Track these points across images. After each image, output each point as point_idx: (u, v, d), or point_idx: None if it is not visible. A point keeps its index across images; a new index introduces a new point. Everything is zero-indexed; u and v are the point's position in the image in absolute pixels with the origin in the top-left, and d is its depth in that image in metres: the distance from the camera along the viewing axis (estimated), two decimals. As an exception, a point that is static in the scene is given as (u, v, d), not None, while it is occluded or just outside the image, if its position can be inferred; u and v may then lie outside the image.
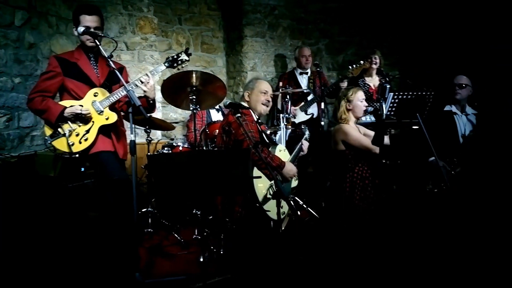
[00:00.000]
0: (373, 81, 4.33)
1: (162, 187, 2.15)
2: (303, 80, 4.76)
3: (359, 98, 3.20)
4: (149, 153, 3.69)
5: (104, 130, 2.73)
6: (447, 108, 3.67)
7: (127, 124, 2.79)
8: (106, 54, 2.59)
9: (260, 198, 2.71)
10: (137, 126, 3.65)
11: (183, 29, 5.28)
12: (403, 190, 3.35)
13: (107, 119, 2.73)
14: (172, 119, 5.02)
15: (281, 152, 3.06)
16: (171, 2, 5.17)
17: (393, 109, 3.52)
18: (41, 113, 2.67)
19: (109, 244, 2.69)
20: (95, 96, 2.71)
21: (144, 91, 2.71)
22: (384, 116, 2.90)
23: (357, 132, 3.16)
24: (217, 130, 3.30)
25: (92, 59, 2.78)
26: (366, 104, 3.23)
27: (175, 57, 2.88)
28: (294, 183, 3.14)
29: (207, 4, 5.42)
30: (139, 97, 2.75)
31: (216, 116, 4.49)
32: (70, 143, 2.62)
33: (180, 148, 3.68)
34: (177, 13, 5.23)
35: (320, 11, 5.60)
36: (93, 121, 2.69)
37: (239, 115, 2.55)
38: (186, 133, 4.65)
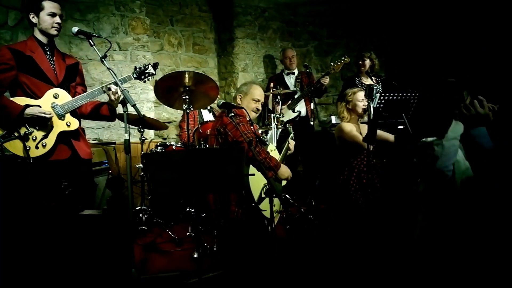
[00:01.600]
0: (368, 81, 4.51)
1: (157, 184, 2.21)
2: (291, 80, 4.88)
3: (358, 99, 3.31)
4: (143, 152, 3.74)
5: (63, 136, 2.55)
6: None
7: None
8: (100, 54, 2.48)
9: (256, 197, 2.77)
10: (130, 126, 3.70)
11: (175, 30, 5.34)
12: (390, 189, 3.46)
13: (68, 125, 2.54)
14: (165, 119, 5.07)
15: (272, 152, 3.14)
16: (163, 3, 5.22)
17: (380, 109, 3.64)
18: None
19: (105, 241, 2.73)
20: (55, 97, 2.51)
21: (111, 100, 2.56)
22: (372, 116, 3.01)
23: (353, 130, 3.26)
24: (209, 130, 3.36)
25: (48, 53, 2.57)
26: (365, 103, 3.31)
27: (143, 69, 2.75)
28: (283, 182, 3.23)
29: (199, 5, 5.48)
30: (102, 103, 2.69)
31: (208, 116, 4.56)
32: (27, 148, 2.40)
33: (174, 147, 3.74)
34: (169, 14, 5.28)
35: (309, 13, 5.72)
36: (52, 126, 2.48)
37: (232, 114, 2.62)
38: (179, 133, 4.71)
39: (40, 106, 2.43)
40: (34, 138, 2.44)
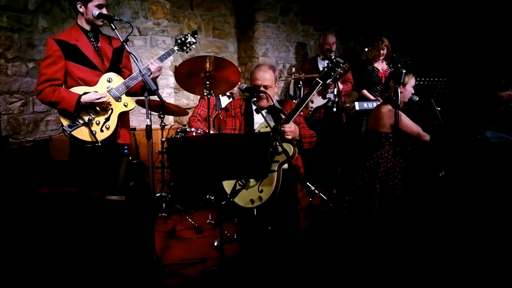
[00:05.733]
0: (381, 65, 4.36)
1: (180, 170, 2.16)
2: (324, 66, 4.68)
3: (411, 84, 3.07)
4: (163, 138, 3.71)
5: (121, 117, 2.67)
6: None
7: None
8: (122, 39, 2.46)
9: (229, 191, 2.52)
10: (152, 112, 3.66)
11: (195, 14, 5.23)
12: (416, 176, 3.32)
13: (125, 105, 2.66)
14: (184, 104, 5.03)
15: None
16: (183, -14, 5.13)
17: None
18: (55, 104, 2.52)
19: (127, 227, 2.71)
20: (109, 81, 2.61)
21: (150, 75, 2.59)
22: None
23: (409, 119, 3.01)
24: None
25: (92, 39, 2.62)
26: (413, 91, 3.11)
27: (183, 39, 2.86)
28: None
29: (219, -12, 5.36)
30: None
31: (226, 102, 4.48)
32: (94, 132, 2.53)
33: (194, 133, 3.69)
34: (188, -2, 5.18)
35: (332, -5, 5.53)
36: (111, 108, 2.60)
37: (255, 99, 2.53)
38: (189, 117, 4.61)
39: (96, 92, 2.53)
40: (97, 122, 2.57)
